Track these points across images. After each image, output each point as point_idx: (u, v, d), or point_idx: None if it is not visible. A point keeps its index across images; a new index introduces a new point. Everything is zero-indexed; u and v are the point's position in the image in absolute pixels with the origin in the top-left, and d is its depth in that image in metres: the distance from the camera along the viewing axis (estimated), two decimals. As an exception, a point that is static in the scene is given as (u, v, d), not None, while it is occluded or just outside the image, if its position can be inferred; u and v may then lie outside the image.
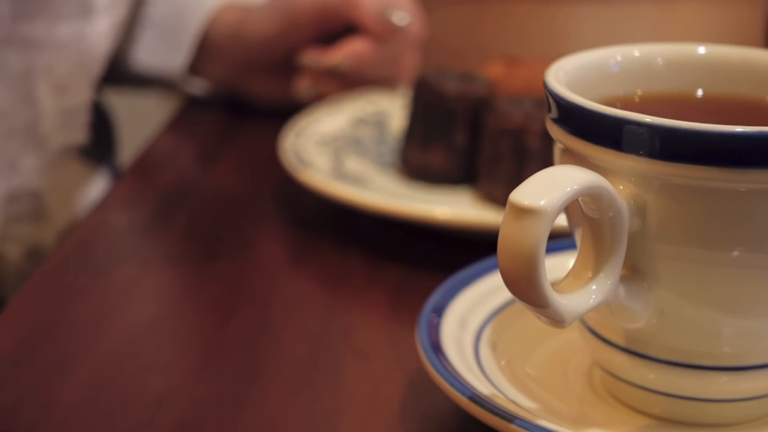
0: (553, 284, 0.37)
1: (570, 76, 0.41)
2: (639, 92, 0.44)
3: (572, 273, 0.38)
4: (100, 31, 0.76)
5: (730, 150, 0.36)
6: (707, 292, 0.38)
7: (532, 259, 0.35)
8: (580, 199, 0.37)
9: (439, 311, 0.45)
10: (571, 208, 0.40)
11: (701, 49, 0.44)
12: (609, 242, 0.37)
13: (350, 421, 0.44)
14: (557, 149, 0.40)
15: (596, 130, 0.38)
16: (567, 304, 0.37)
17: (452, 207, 0.58)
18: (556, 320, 0.37)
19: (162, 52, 0.82)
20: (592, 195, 0.36)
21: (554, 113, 0.39)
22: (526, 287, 0.36)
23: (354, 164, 0.66)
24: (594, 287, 0.37)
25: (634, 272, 0.39)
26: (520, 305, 0.38)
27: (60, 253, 0.59)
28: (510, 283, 0.36)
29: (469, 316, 0.46)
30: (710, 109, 0.44)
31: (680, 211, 0.37)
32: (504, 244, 0.36)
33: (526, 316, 0.46)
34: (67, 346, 0.49)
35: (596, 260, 0.38)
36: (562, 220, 0.40)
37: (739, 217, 0.37)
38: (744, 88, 0.44)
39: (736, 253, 0.37)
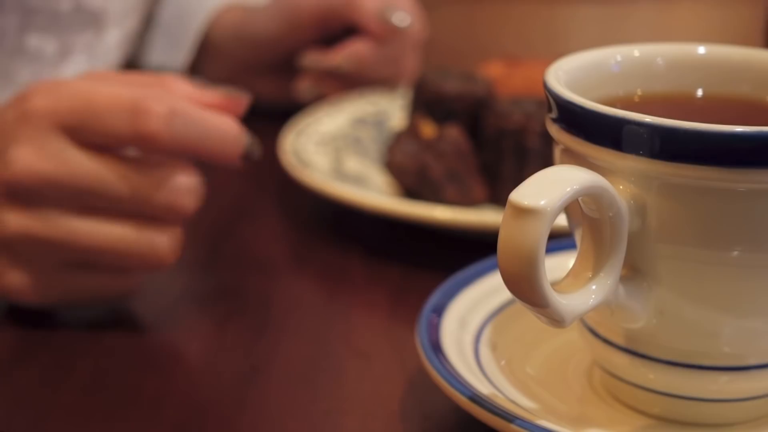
0: (553, 284, 0.37)
1: (570, 76, 0.41)
2: (639, 92, 0.44)
3: (572, 273, 0.38)
4: (111, 43, 0.76)
5: (729, 150, 0.36)
6: (707, 291, 0.38)
7: (532, 259, 0.35)
8: (579, 199, 0.37)
9: (439, 311, 0.45)
10: (571, 208, 0.40)
11: (701, 49, 0.44)
12: (609, 242, 0.37)
13: (350, 421, 0.43)
14: (557, 149, 0.40)
15: (596, 129, 0.38)
16: (567, 304, 0.37)
17: (452, 207, 0.58)
18: (556, 320, 0.37)
19: (164, 51, 0.82)
20: (592, 195, 0.36)
21: (554, 113, 0.39)
22: (526, 287, 0.36)
23: (354, 164, 0.66)
24: (594, 287, 0.37)
25: (634, 272, 0.39)
26: (520, 305, 0.38)
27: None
28: (510, 283, 0.36)
29: (469, 316, 0.46)
30: (710, 109, 0.44)
31: (680, 210, 0.37)
32: (504, 244, 0.36)
33: (526, 316, 0.46)
34: (67, 346, 0.49)
35: (596, 260, 0.37)
36: (562, 220, 0.40)
37: (739, 217, 0.37)
38: (744, 88, 0.44)
39: (735, 252, 0.37)
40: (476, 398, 0.39)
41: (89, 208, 0.49)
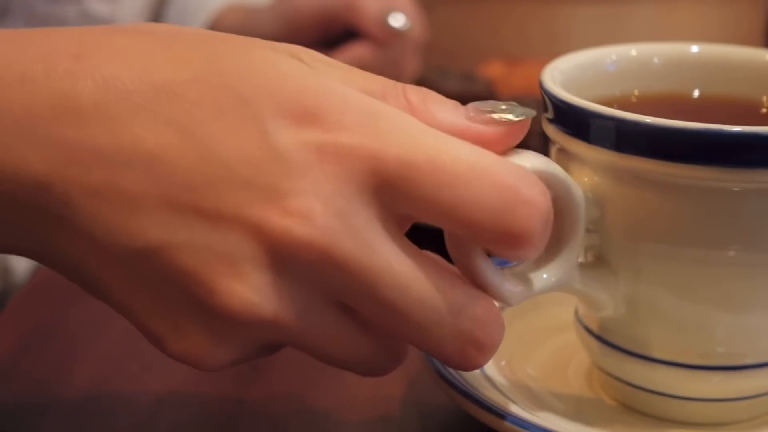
0: (514, 266, 0.37)
1: (565, 75, 0.41)
2: (635, 92, 0.44)
3: None
4: None
5: (679, 144, 0.36)
6: (671, 286, 0.39)
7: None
8: None
9: (439, 311, 0.45)
10: None
11: (697, 49, 0.44)
12: (567, 229, 0.37)
13: (350, 421, 0.43)
14: (553, 149, 0.40)
15: (569, 120, 0.38)
16: (509, 287, 0.37)
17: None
18: (501, 300, 0.37)
19: None
20: (543, 180, 0.36)
21: (549, 113, 0.39)
22: (467, 267, 0.35)
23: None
24: (544, 275, 0.38)
25: (600, 261, 0.39)
26: (521, 306, 0.38)
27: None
28: (454, 262, 0.36)
29: (469, 316, 0.46)
30: (707, 108, 0.44)
31: (635, 204, 0.38)
32: None
33: (527, 316, 0.46)
34: (67, 346, 0.49)
35: (554, 246, 0.38)
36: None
37: (695, 213, 0.37)
38: (741, 87, 0.44)
39: (694, 249, 0.37)
40: (476, 398, 0.39)
41: (353, 307, 0.34)
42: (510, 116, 0.35)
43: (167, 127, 0.31)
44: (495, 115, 0.35)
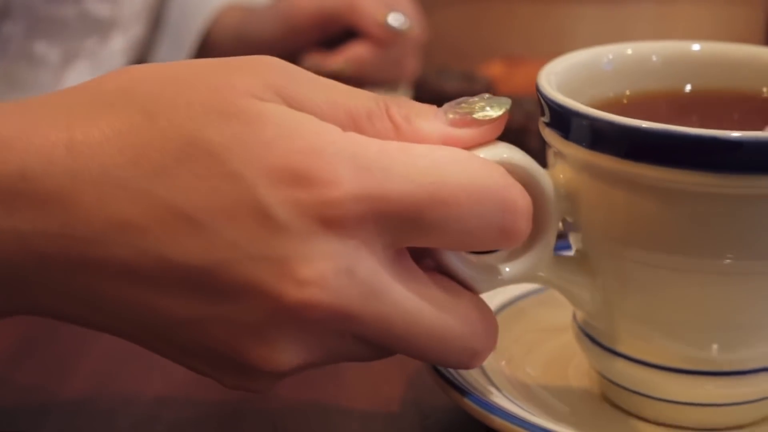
0: (486, 255, 0.38)
1: (561, 77, 0.40)
2: (634, 90, 0.43)
3: None
4: (115, 49, 0.76)
5: (646, 145, 0.36)
6: (649, 289, 0.39)
7: None
8: None
9: (439, 311, 0.45)
10: None
11: (695, 46, 0.44)
12: (538, 221, 0.38)
13: (350, 421, 0.43)
14: (550, 152, 0.40)
15: (560, 123, 0.38)
16: (478, 276, 0.37)
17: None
18: (470, 289, 0.37)
19: (169, 50, 0.82)
20: (512, 171, 0.36)
21: (546, 116, 0.39)
22: (437, 257, 0.36)
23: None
24: (515, 265, 0.39)
25: (582, 257, 0.40)
26: (521, 306, 0.38)
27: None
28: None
29: (469, 316, 0.46)
30: (706, 105, 0.44)
31: (603, 204, 0.38)
32: None
33: (527, 317, 0.46)
34: (67, 346, 0.49)
35: (529, 238, 0.38)
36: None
37: (665, 217, 0.37)
38: (740, 84, 0.43)
39: (678, 256, 0.37)
40: (476, 398, 0.39)
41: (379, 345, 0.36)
42: (491, 113, 0.36)
43: (171, 215, 0.33)
44: (476, 115, 0.36)
